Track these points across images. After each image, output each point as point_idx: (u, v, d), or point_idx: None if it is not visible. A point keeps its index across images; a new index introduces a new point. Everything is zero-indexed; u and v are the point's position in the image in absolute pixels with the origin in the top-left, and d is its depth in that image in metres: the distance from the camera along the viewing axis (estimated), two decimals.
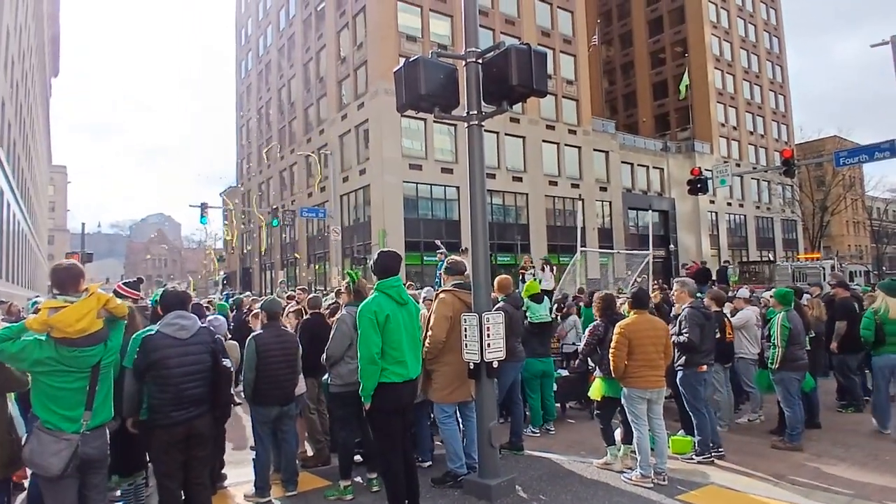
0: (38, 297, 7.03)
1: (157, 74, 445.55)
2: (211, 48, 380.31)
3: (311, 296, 5.85)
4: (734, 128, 50.15)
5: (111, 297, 3.48)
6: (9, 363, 3.25)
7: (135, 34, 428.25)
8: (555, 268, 16.79)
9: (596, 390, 5.97)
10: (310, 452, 6.26)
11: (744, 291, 8.14)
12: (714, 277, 17.83)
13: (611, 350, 5.36)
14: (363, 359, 4.25)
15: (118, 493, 4.59)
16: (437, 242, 16.30)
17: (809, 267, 26.22)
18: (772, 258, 45.68)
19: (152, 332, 3.84)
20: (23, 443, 3.37)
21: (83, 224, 38.51)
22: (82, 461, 3.23)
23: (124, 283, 5.29)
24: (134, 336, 4.00)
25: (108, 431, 3.49)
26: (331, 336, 5.11)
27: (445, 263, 5.68)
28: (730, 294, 8.84)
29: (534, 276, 13.32)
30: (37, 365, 3.15)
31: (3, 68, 22.73)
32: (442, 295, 5.38)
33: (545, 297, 7.75)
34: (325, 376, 5.40)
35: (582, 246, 17.52)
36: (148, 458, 4.35)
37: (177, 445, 3.78)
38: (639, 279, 16.52)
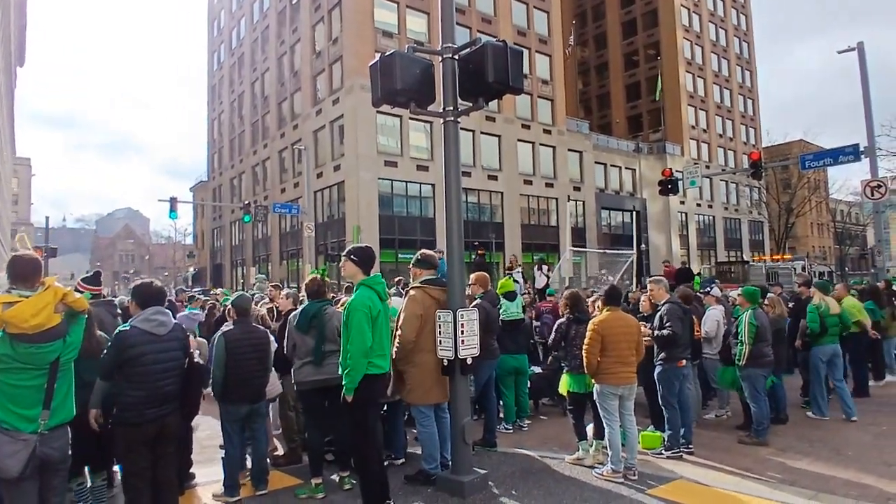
0: None
1: (124, 65, 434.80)
2: (181, 39, 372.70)
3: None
4: (704, 130, 51.19)
5: (69, 290, 3.34)
6: None
7: (100, 22, 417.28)
8: (551, 267, 16.93)
9: (563, 385, 6.10)
10: (281, 451, 6.18)
11: (716, 290, 8.28)
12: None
13: (584, 347, 5.40)
14: (357, 352, 4.19)
15: (72, 493, 4.44)
16: (476, 243, 16.35)
17: (781, 267, 27.02)
18: (741, 258, 46.78)
19: (126, 328, 3.73)
20: None
21: (47, 218, 37.13)
22: (42, 462, 3.11)
23: (82, 279, 5.13)
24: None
25: (69, 431, 3.37)
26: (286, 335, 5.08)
27: (417, 256, 5.42)
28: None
29: (519, 274, 13.47)
30: None
31: None
32: (412, 292, 5.20)
33: (517, 295, 7.82)
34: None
35: (577, 244, 17.70)
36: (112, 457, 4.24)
37: (146, 444, 3.69)
38: (621, 280, 16.69)
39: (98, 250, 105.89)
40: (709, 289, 9.05)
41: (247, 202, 30.15)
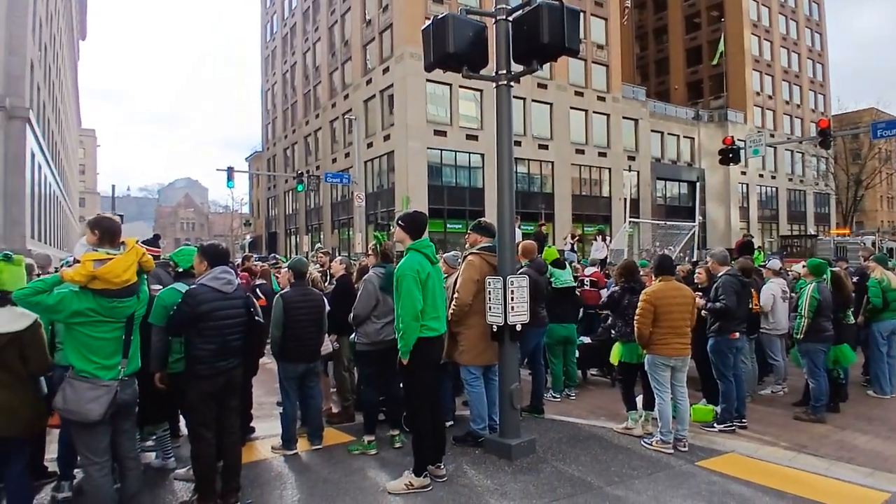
0: (71, 257, 7.23)
1: (181, 38, 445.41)
2: (237, 11, 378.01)
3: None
4: (769, 96, 48.48)
5: (145, 251, 3.57)
6: (45, 314, 3.33)
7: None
8: (609, 237, 16.66)
9: (614, 354, 6.09)
10: (335, 409, 6.42)
11: (774, 262, 7.96)
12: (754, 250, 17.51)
13: (636, 317, 5.33)
14: (408, 315, 4.27)
15: (148, 443, 4.78)
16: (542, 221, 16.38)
17: (850, 242, 25.49)
18: (804, 232, 44.63)
19: (195, 287, 3.93)
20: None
21: (113, 187, 39.09)
22: (117, 407, 3.35)
23: (143, 241, 5.41)
24: (160, 294, 4.12)
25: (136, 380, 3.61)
26: (357, 296, 5.16)
27: (479, 222, 5.54)
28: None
29: (568, 246, 13.39)
30: (75, 316, 3.23)
31: (32, 31, 22.92)
32: (470, 258, 5.34)
33: (567, 263, 7.81)
34: (352, 335, 5.50)
35: (632, 217, 17.26)
36: (179, 410, 4.51)
37: (214, 395, 3.90)
38: (681, 254, 16.21)
39: (161, 218, 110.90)
40: (767, 262, 8.73)
41: (299, 172, 30.79)
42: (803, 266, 7.02)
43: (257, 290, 6.92)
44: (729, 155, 19.30)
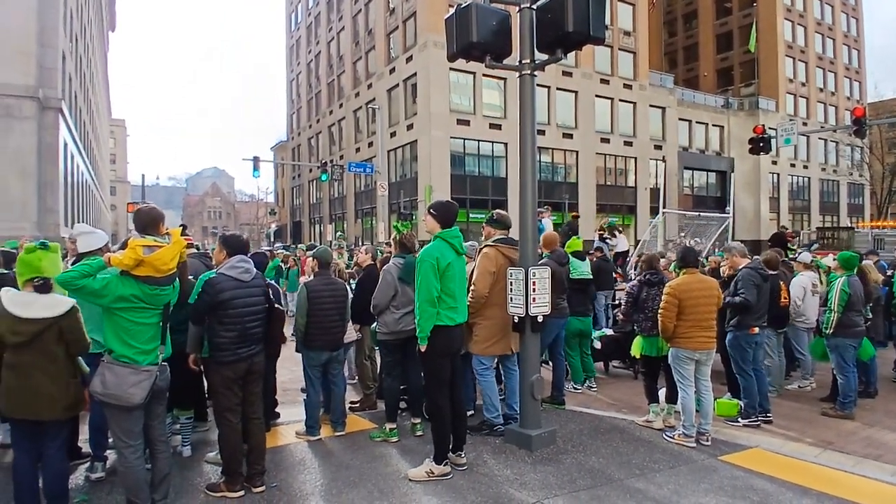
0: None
1: (205, 27, 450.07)
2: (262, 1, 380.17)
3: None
4: (803, 83, 47.11)
5: (185, 241, 3.68)
6: (89, 298, 3.40)
7: None
8: (621, 229, 16.54)
9: (635, 347, 6.05)
10: (357, 397, 6.51)
11: (805, 255, 7.76)
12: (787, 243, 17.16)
13: (660, 311, 5.27)
14: (422, 300, 4.33)
15: (177, 426, 4.91)
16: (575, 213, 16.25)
17: (889, 234, 24.62)
18: (837, 223, 43.47)
19: (214, 275, 4.02)
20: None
21: (143, 176, 40.42)
22: (153, 392, 3.46)
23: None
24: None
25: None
26: (377, 286, 5.21)
27: (492, 215, 5.53)
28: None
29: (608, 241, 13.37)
30: (119, 301, 3.33)
31: (63, 22, 23.39)
32: (485, 250, 5.32)
33: (586, 255, 7.77)
34: (373, 324, 5.56)
35: (663, 207, 16.96)
36: (207, 395, 4.63)
37: (237, 381, 4.00)
38: (712, 247, 15.88)
39: (188, 207, 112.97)
40: (797, 254, 8.53)
41: (323, 161, 30.98)
42: (833, 259, 6.85)
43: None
44: (760, 144, 18.88)
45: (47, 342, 3.41)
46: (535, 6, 5.02)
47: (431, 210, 4.66)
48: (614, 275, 11.04)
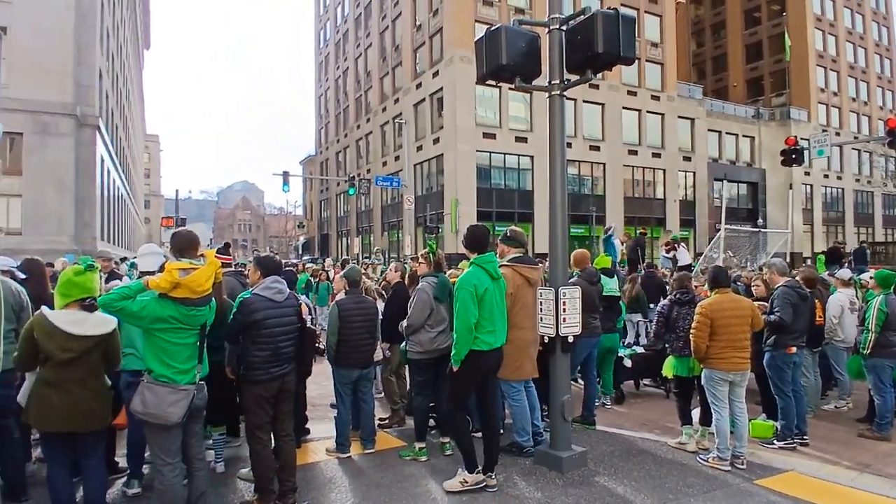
0: (135, 257, 7.71)
1: (236, 45, 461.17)
2: (293, 16, 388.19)
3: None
4: (835, 93, 46.12)
5: (219, 262, 3.77)
6: (128, 320, 3.55)
7: (213, 7, 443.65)
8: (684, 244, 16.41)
9: (667, 368, 5.96)
10: (384, 412, 6.54)
11: (844, 272, 7.55)
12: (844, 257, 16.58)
13: (692, 331, 5.20)
14: (461, 327, 4.37)
15: (210, 441, 5.00)
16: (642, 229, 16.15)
17: None
18: (871, 236, 42.21)
19: (248, 296, 4.11)
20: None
21: (177, 191, 41.34)
22: (191, 410, 3.54)
23: (217, 251, 5.68)
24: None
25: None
26: (411, 305, 5.23)
27: (506, 233, 5.36)
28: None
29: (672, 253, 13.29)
30: (157, 322, 3.44)
31: (99, 41, 24.24)
32: (502, 270, 5.06)
33: (615, 272, 7.71)
34: (403, 343, 5.59)
35: (719, 223, 16.62)
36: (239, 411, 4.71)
37: (269, 399, 4.08)
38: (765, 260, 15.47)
39: (219, 220, 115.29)
40: (834, 270, 8.30)
41: (351, 175, 31.35)
42: (871, 277, 6.67)
43: None
44: (792, 156, 18.51)
45: (94, 358, 3.58)
46: (564, 27, 5.06)
47: (463, 241, 4.75)
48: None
